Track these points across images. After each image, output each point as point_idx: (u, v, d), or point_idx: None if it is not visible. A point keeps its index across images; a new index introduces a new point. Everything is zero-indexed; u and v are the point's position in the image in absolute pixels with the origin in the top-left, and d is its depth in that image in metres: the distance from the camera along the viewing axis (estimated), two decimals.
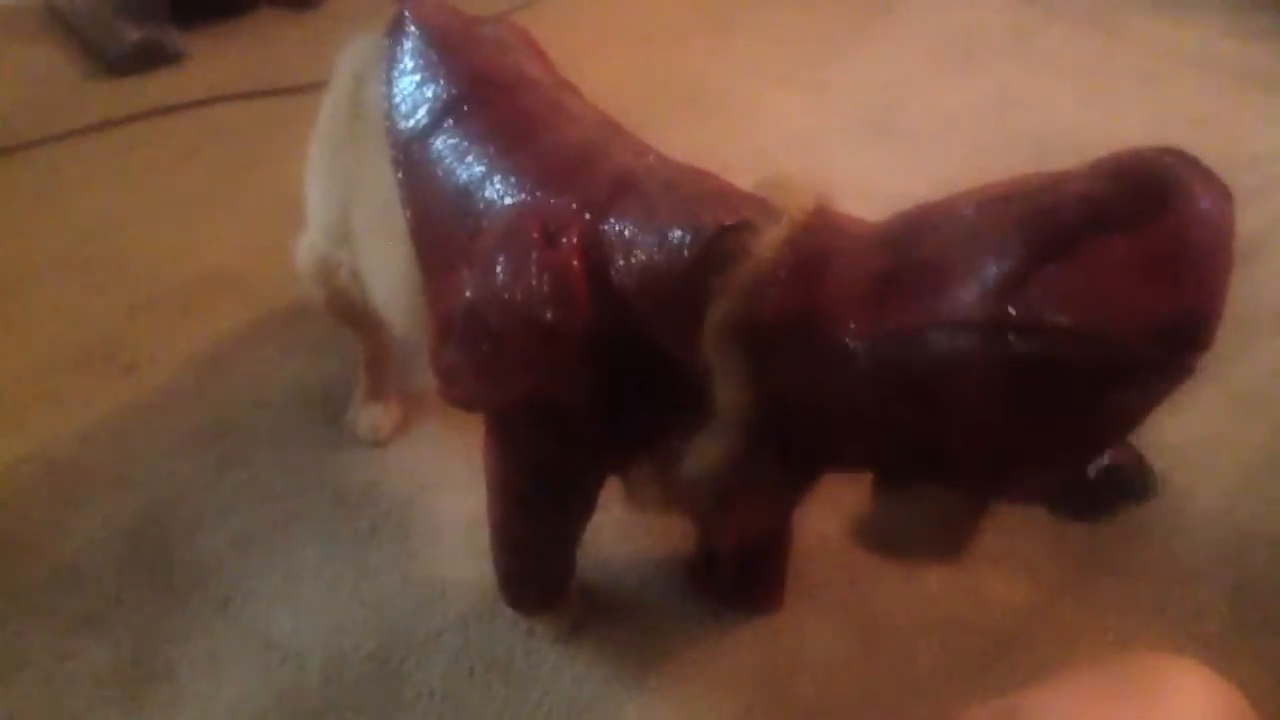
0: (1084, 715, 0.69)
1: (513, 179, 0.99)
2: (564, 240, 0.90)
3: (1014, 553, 1.38)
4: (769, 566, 1.30)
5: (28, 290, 1.87)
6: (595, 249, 0.90)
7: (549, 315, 0.88)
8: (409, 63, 1.14)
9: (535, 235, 0.91)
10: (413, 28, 1.16)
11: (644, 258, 0.87)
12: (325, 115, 1.30)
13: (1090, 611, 1.31)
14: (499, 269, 0.93)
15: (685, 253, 0.85)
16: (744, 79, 2.55)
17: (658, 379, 0.89)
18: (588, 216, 0.92)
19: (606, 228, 0.90)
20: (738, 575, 1.29)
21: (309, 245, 1.37)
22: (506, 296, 0.92)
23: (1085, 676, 0.74)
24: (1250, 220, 2.08)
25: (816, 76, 2.54)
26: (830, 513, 1.24)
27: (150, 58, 2.58)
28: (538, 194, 0.97)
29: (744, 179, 0.93)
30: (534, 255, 0.90)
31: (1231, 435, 1.59)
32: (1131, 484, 0.80)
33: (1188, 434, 1.57)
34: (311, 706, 1.22)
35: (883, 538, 0.90)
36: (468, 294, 0.96)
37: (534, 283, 0.89)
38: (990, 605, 1.32)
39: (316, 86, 1.33)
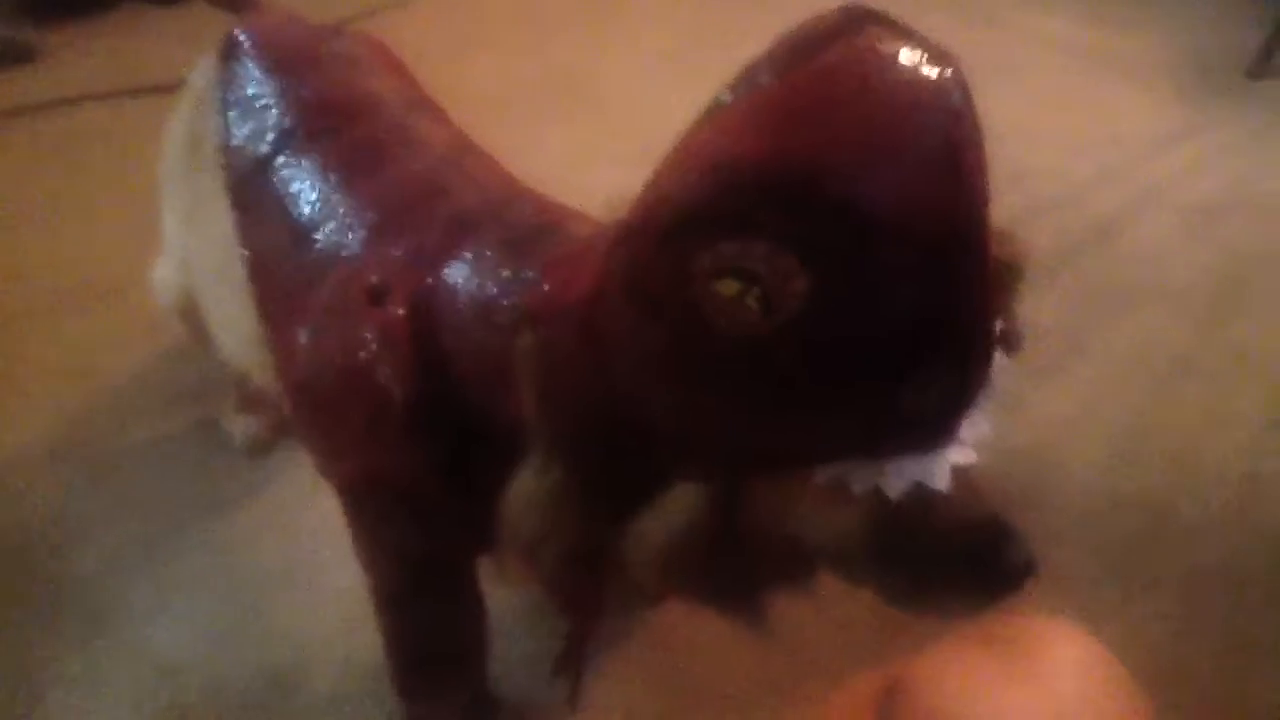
0: (964, 680, 0.71)
1: (348, 222, 0.92)
2: (390, 300, 0.83)
3: None
4: None
5: None
6: (425, 306, 0.83)
7: (376, 383, 0.81)
8: (244, 89, 1.06)
9: (361, 296, 0.84)
10: (248, 48, 1.08)
11: (469, 314, 0.81)
12: (166, 146, 1.20)
13: None
14: (326, 334, 0.87)
15: (504, 302, 0.79)
16: (625, 69, 2.56)
17: (501, 443, 0.77)
18: (418, 270, 0.85)
19: (436, 281, 0.84)
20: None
21: (167, 281, 1.28)
22: (334, 365, 0.86)
23: (965, 643, 0.76)
24: (1110, 199, 2.18)
25: (698, 64, 2.56)
26: None
27: (7, 56, 2.47)
28: (371, 240, 0.90)
29: (627, 177, 0.91)
30: (359, 318, 0.84)
31: (1098, 407, 1.65)
32: (987, 556, 0.66)
33: (1055, 407, 1.63)
34: None
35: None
36: (300, 362, 0.90)
37: (359, 349, 0.82)
38: None
39: (180, 85, 1.28)
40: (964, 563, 0.67)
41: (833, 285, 0.55)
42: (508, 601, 1.15)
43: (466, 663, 1.12)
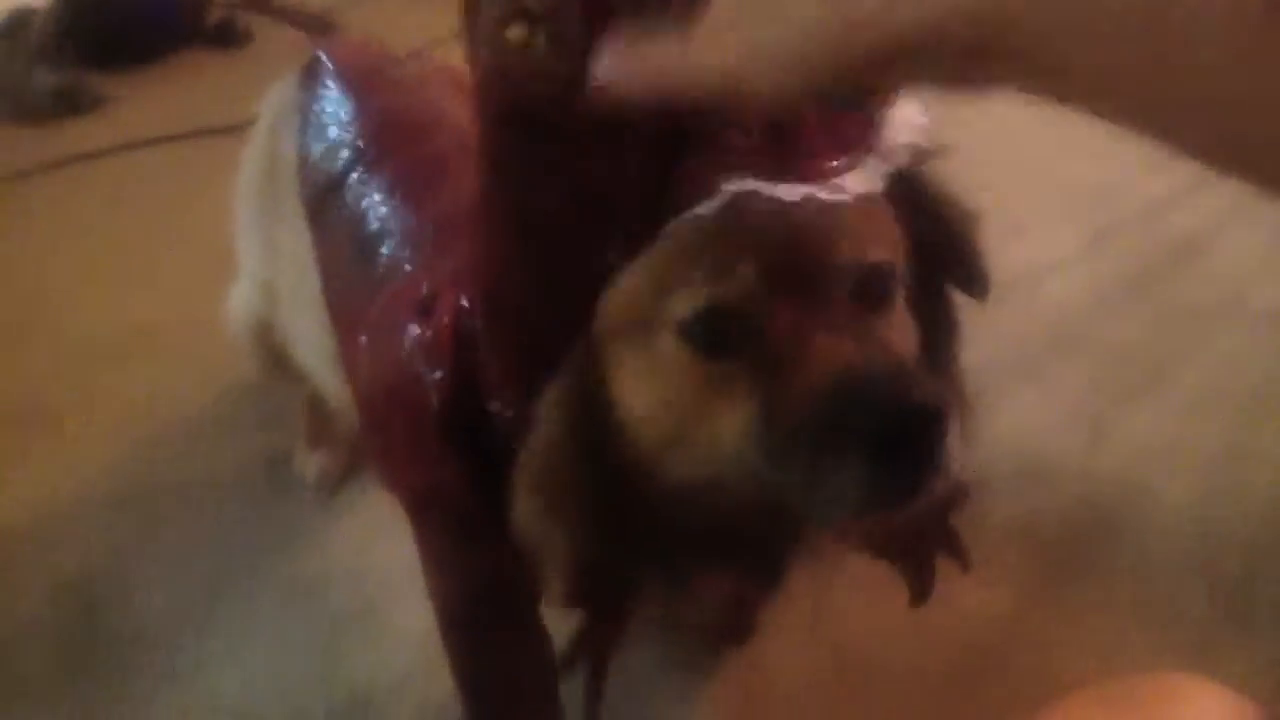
0: None
1: (409, 237, 0.94)
2: (436, 310, 0.82)
3: (987, 560, 1.34)
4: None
5: None
6: (469, 318, 0.81)
7: (418, 392, 0.80)
8: (322, 108, 1.08)
9: (410, 307, 0.84)
10: (328, 69, 1.11)
11: None
12: (244, 169, 1.23)
13: (1067, 617, 1.29)
14: (379, 346, 0.87)
15: None
16: None
17: None
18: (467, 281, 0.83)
19: None
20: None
21: (246, 303, 1.29)
22: (385, 375, 0.86)
23: (1088, 704, 0.71)
24: (1187, 217, 2.10)
25: None
26: None
27: (69, 104, 2.53)
28: (428, 253, 0.91)
29: None
30: (406, 329, 0.83)
31: (1192, 432, 1.58)
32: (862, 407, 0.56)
33: (1149, 434, 1.57)
34: None
35: None
36: (361, 375, 0.90)
37: (406, 358, 0.82)
38: (964, 615, 1.28)
39: (243, 127, 1.28)
40: (852, 444, 0.57)
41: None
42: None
43: (536, 695, 1.06)
